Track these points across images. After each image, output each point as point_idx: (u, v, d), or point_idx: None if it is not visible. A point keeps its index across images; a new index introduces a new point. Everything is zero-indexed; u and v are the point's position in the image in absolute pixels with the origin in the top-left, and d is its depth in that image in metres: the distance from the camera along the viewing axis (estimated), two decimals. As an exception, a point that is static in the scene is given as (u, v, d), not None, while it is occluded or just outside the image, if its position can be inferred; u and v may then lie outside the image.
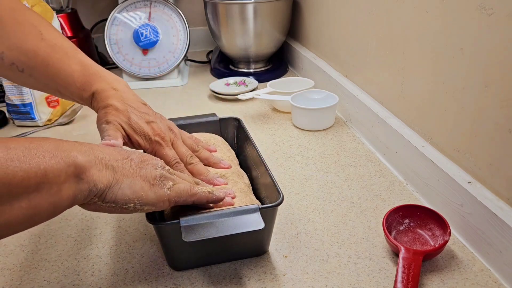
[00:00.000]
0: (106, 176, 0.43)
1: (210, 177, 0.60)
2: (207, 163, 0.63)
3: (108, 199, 0.43)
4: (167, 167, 0.49)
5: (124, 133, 0.56)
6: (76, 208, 0.69)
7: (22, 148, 0.37)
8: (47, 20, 0.62)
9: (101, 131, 0.56)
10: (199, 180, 0.56)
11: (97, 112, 0.58)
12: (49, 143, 0.39)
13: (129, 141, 0.58)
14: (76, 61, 0.59)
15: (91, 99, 0.59)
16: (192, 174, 0.59)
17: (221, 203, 0.53)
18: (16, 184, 0.35)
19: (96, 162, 0.42)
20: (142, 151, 0.57)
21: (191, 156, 0.61)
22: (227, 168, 0.63)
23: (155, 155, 0.58)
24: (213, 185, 0.59)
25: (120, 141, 0.54)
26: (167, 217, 0.55)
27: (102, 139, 0.54)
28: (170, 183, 0.48)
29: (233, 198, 0.55)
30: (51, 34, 0.60)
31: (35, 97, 0.95)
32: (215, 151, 0.66)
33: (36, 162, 0.37)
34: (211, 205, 0.53)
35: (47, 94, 0.97)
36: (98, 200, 0.43)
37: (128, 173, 0.45)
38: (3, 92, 0.99)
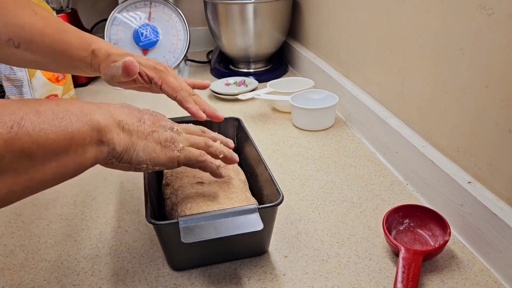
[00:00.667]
0: (124, 139, 0.45)
1: (211, 108, 0.65)
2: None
3: (124, 160, 0.46)
4: (176, 127, 0.52)
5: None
6: (76, 208, 0.69)
7: (50, 111, 0.39)
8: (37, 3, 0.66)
9: (111, 69, 0.59)
10: (208, 132, 0.58)
11: (98, 68, 0.62)
12: (74, 106, 0.42)
13: (137, 78, 0.63)
14: (71, 27, 0.64)
15: (91, 57, 0.62)
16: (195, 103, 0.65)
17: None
18: (48, 145, 0.37)
19: (115, 126, 0.45)
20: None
21: (192, 89, 0.66)
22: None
23: (161, 84, 0.64)
24: (214, 117, 0.65)
25: (136, 63, 0.58)
26: (168, 214, 0.55)
27: (115, 71, 0.58)
28: (180, 145, 0.51)
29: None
30: (42, 11, 0.63)
31: (35, 97, 0.95)
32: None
33: (64, 125, 0.39)
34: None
35: (47, 94, 0.97)
36: (115, 161, 0.46)
37: (142, 135, 0.48)
38: (3, 92, 0.99)
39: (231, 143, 0.61)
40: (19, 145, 0.35)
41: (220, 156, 0.55)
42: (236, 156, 0.57)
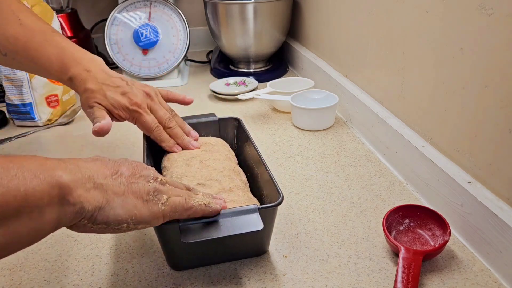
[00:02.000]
0: (95, 196, 0.40)
1: (185, 141, 0.65)
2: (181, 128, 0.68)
3: (99, 220, 0.40)
4: (160, 177, 0.46)
5: (105, 110, 0.62)
6: (76, 208, 0.69)
7: (0, 169, 0.33)
8: (25, 5, 0.65)
9: (88, 115, 0.63)
10: (195, 188, 0.53)
11: (78, 92, 0.64)
12: (31, 162, 0.36)
13: (111, 116, 0.63)
14: (53, 44, 0.63)
15: (70, 83, 0.64)
16: (170, 136, 0.66)
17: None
18: None
19: (83, 181, 0.39)
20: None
21: (170, 119, 0.66)
22: (195, 138, 0.68)
23: (135, 123, 0.64)
24: (188, 149, 0.66)
25: (108, 118, 0.61)
26: None
27: (93, 122, 0.61)
28: (165, 197, 0.45)
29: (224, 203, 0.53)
30: (29, 19, 0.63)
31: (35, 97, 0.95)
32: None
33: (15, 184, 0.33)
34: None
35: (47, 94, 0.97)
36: (88, 222, 0.40)
37: (119, 190, 0.42)
38: (3, 92, 0.99)
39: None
40: None
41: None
42: (218, 202, 0.50)
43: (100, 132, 0.60)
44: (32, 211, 0.35)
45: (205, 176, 0.60)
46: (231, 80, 1.17)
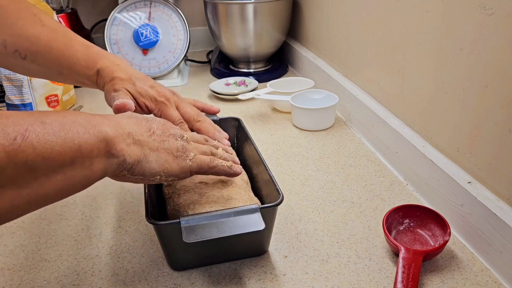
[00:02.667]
0: (135, 151, 0.44)
1: (217, 136, 0.64)
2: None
3: (137, 172, 0.45)
4: (185, 136, 0.51)
5: (131, 97, 0.61)
6: (76, 208, 0.69)
7: (57, 123, 0.37)
8: (45, 12, 0.65)
9: (111, 99, 0.60)
10: (216, 146, 0.58)
11: (102, 88, 0.62)
12: (81, 117, 0.41)
13: (136, 105, 0.62)
14: (78, 42, 0.63)
15: (96, 77, 0.63)
16: (200, 131, 0.64)
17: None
18: (53, 158, 0.36)
19: (124, 137, 0.43)
20: (151, 115, 0.61)
21: (198, 114, 0.65)
22: (226, 137, 0.66)
23: (160, 116, 0.63)
24: (220, 142, 0.64)
25: (131, 101, 0.59)
26: (170, 214, 0.55)
27: (113, 103, 0.59)
28: (192, 154, 0.50)
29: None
30: (51, 21, 0.63)
31: (35, 97, 0.95)
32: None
33: (70, 137, 0.38)
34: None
35: (47, 94, 0.97)
36: (127, 173, 0.45)
37: (153, 147, 0.47)
38: (3, 92, 0.99)
39: (231, 150, 0.63)
40: (22, 157, 0.34)
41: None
42: (239, 167, 0.56)
43: (121, 108, 0.58)
44: (84, 161, 0.39)
45: (206, 176, 0.60)
46: (231, 80, 1.17)
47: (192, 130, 0.64)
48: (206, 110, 0.72)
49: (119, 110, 0.58)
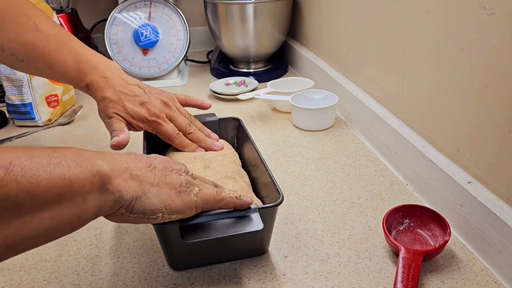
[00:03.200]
0: (132, 186, 0.41)
1: (208, 143, 0.66)
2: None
3: (136, 210, 0.42)
4: (191, 172, 0.48)
5: (124, 121, 0.62)
6: (76, 208, 0.69)
7: (45, 156, 0.35)
8: (41, 10, 0.65)
9: (107, 125, 0.63)
10: (222, 186, 0.54)
11: (95, 98, 0.64)
12: (72, 151, 0.38)
13: (130, 127, 0.63)
14: (69, 49, 0.63)
15: (87, 90, 0.64)
16: (192, 141, 0.66)
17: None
18: (39, 193, 0.33)
19: (121, 172, 0.41)
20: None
21: (189, 125, 0.66)
22: (216, 139, 0.69)
23: (156, 133, 0.65)
24: (211, 150, 0.67)
25: (126, 132, 0.61)
26: None
27: (111, 134, 0.61)
28: (196, 189, 0.47)
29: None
30: (45, 25, 0.63)
31: (35, 97, 0.95)
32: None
33: (60, 171, 0.35)
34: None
35: (47, 94, 0.97)
36: (126, 211, 0.42)
37: (154, 181, 0.44)
38: (3, 92, 0.99)
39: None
40: (4, 193, 0.31)
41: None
42: (248, 196, 0.51)
43: (118, 147, 0.59)
44: (75, 197, 0.36)
45: (208, 177, 0.60)
46: (231, 80, 1.17)
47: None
48: (198, 106, 0.73)
49: (116, 148, 0.59)
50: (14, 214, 0.32)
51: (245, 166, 0.68)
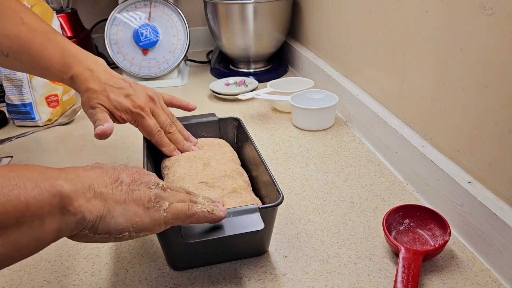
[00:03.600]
0: (96, 206, 0.39)
1: (186, 146, 0.66)
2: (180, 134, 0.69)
3: (100, 230, 0.40)
4: (161, 183, 0.45)
5: (108, 112, 0.62)
6: (76, 208, 0.69)
7: (1, 178, 0.33)
8: (27, 6, 0.65)
9: (90, 116, 0.62)
10: (194, 192, 0.51)
11: (79, 91, 0.63)
12: (32, 171, 0.36)
13: (113, 118, 0.62)
14: (55, 44, 0.63)
15: (71, 82, 0.63)
16: (171, 141, 0.66)
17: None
18: None
19: (83, 191, 0.39)
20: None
21: (170, 124, 0.66)
22: (194, 143, 0.69)
23: (137, 126, 0.64)
24: (187, 151, 0.66)
25: (110, 121, 0.60)
26: None
27: (94, 124, 0.60)
28: (166, 203, 0.44)
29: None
30: (31, 19, 0.62)
31: (35, 97, 0.95)
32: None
33: (16, 193, 0.33)
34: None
35: (47, 94, 0.97)
36: (89, 232, 0.40)
37: (120, 199, 0.41)
38: (3, 92, 0.99)
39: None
40: None
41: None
42: (221, 210, 0.48)
43: (102, 135, 0.59)
44: (32, 220, 0.34)
45: (207, 175, 0.60)
46: (231, 80, 1.17)
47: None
48: (183, 108, 0.73)
49: (100, 137, 0.59)
50: None
51: (245, 165, 0.68)
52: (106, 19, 1.18)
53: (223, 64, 1.31)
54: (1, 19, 0.60)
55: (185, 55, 1.21)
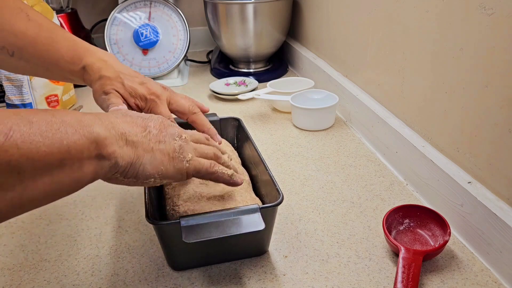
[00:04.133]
0: (128, 153, 0.43)
1: (212, 131, 0.63)
2: None
3: (130, 175, 0.44)
4: (184, 135, 0.49)
5: (122, 98, 0.60)
6: (76, 208, 0.69)
7: (44, 122, 0.35)
8: (31, 7, 0.64)
9: (102, 101, 0.59)
10: (219, 153, 0.54)
11: (90, 85, 0.61)
12: (72, 116, 0.39)
13: (126, 105, 0.61)
14: (64, 38, 0.61)
15: (82, 73, 0.61)
16: (195, 123, 0.63)
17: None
18: (39, 159, 0.34)
19: (117, 138, 0.42)
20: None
21: (193, 105, 0.64)
22: (219, 142, 0.65)
23: (150, 113, 0.61)
24: (213, 139, 0.62)
25: (125, 106, 0.58)
26: (169, 214, 0.55)
27: (108, 108, 0.58)
28: (190, 155, 0.48)
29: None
30: (37, 16, 0.62)
31: (35, 97, 0.95)
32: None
33: (58, 137, 0.36)
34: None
35: (47, 94, 0.97)
36: (120, 176, 0.43)
37: (148, 147, 0.45)
38: (3, 92, 0.99)
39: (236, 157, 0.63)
40: (5, 158, 0.32)
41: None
42: (240, 177, 0.53)
43: None
44: (73, 163, 0.37)
45: None
46: (231, 80, 1.17)
47: (187, 122, 0.64)
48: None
49: None
50: (17, 178, 0.33)
51: (245, 165, 0.68)
52: (106, 19, 1.18)
53: (223, 64, 1.31)
54: (6, 16, 0.60)
55: (185, 55, 1.21)
